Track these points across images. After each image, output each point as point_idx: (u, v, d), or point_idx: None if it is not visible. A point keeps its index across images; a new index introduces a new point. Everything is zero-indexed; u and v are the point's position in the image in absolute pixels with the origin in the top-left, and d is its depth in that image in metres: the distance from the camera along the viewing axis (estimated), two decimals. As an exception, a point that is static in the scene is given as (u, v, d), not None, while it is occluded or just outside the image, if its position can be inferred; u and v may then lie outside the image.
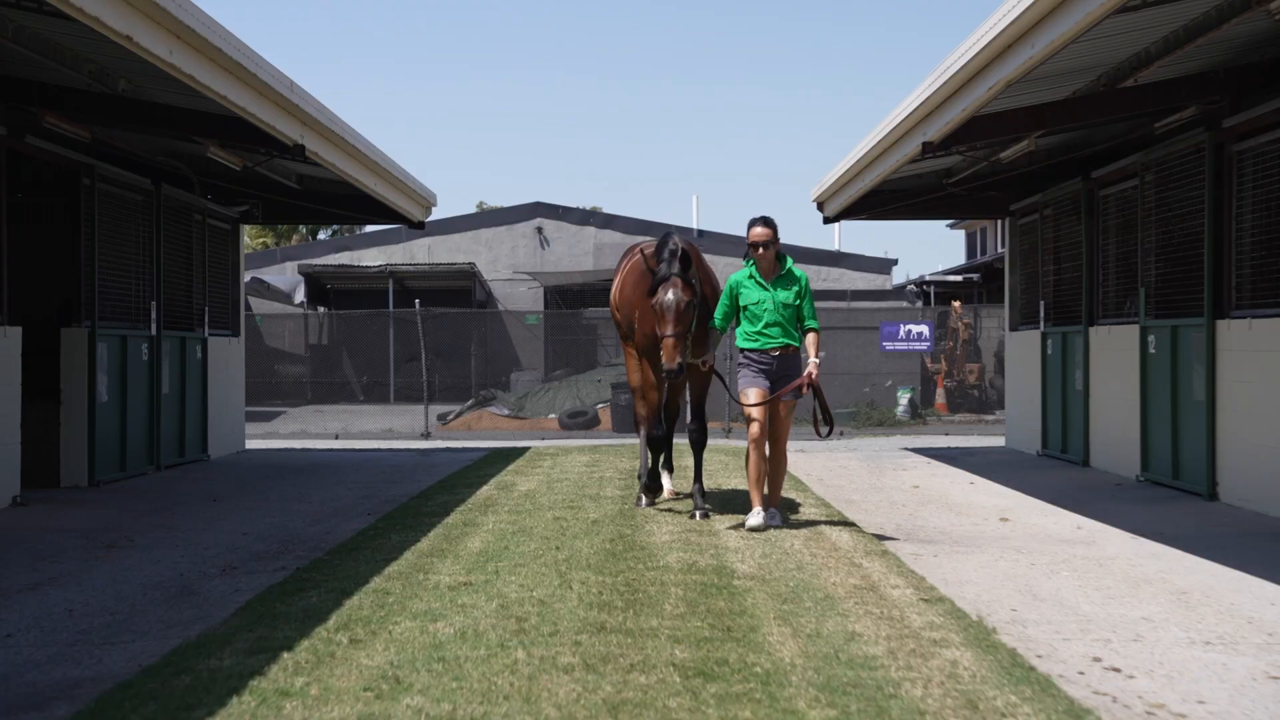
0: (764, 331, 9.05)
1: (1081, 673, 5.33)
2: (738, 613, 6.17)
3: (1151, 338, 12.37)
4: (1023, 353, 16.94)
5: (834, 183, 15.69)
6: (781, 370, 9.04)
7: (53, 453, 12.30)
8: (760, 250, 9.10)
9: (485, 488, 11.98)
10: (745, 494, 10.24)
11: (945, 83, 10.17)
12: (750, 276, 9.17)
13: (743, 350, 9.12)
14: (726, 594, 6.64)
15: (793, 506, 10.38)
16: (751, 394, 8.96)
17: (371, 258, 35.11)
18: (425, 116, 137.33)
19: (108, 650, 5.83)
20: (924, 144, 11.23)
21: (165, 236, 14.43)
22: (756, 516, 8.99)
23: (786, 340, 9.05)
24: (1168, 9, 8.72)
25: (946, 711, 4.57)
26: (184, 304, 15.15)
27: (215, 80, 9.24)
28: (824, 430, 9.18)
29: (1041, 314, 15.96)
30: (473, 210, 68.44)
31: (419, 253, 35.27)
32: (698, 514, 9.67)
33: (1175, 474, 11.89)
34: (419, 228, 17.74)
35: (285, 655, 5.31)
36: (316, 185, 16.27)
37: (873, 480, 13.38)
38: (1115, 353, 13.35)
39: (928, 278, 32.18)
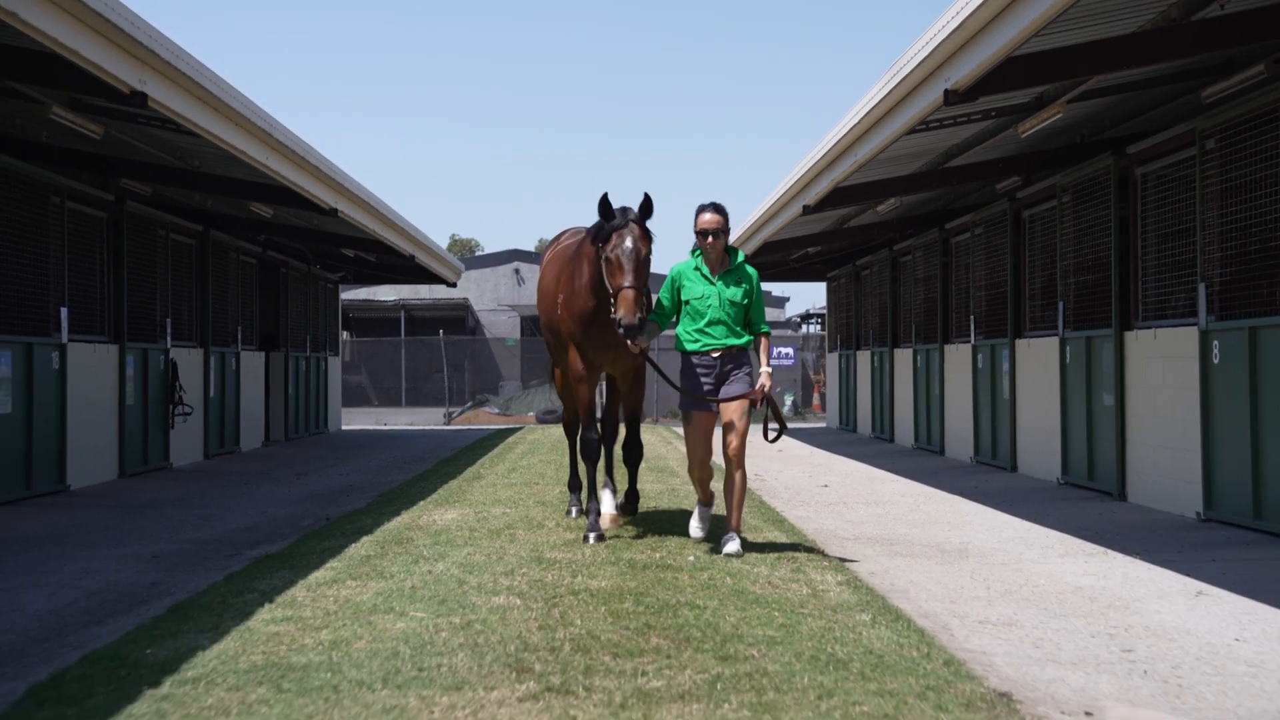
0: (705, 330, 8.25)
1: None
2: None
3: (877, 359, 22.38)
4: (833, 367, 26.99)
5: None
6: (724, 373, 8.30)
7: (266, 423, 21.93)
8: (709, 239, 8.20)
9: (508, 439, 21.81)
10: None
11: (749, 226, 20.11)
12: (695, 269, 8.28)
13: (683, 354, 8.37)
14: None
15: (669, 442, 20.22)
16: (695, 421, 8.49)
17: (385, 293, 44.71)
18: (394, 146, 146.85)
19: (388, 478, 15.47)
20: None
21: (309, 295, 24.13)
22: (697, 529, 8.77)
23: (730, 341, 8.25)
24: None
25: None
26: (315, 335, 24.82)
27: (380, 228, 18.98)
28: (772, 436, 8.76)
29: (839, 342, 26.00)
30: (449, 242, 78.35)
31: (421, 289, 44.87)
32: (622, 517, 9.51)
33: (882, 429, 21.92)
34: (452, 286, 27.55)
35: (468, 469, 15.18)
36: (390, 259, 25.95)
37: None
38: (866, 366, 23.40)
39: (813, 310, 42.30)
